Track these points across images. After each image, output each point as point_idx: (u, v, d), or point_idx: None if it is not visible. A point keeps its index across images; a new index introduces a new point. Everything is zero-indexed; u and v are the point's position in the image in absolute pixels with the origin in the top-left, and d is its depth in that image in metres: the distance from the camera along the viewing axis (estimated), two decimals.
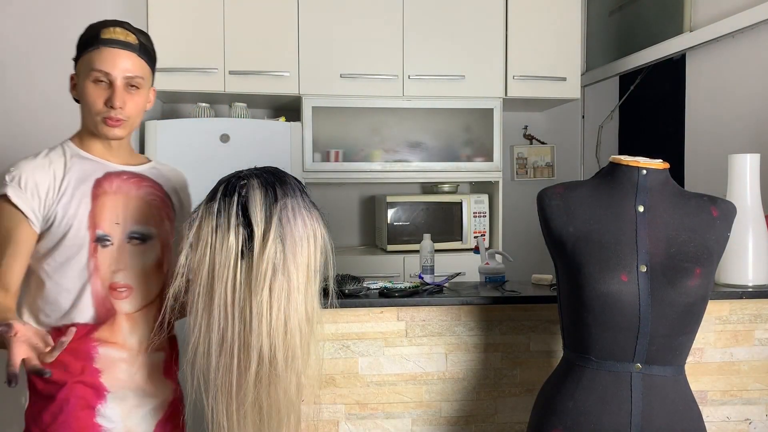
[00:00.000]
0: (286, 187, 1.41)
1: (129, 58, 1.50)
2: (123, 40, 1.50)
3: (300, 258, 1.37)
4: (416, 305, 1.86)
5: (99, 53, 1.48)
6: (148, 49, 1.56)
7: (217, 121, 3.16)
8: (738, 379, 1.94)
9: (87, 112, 1.51)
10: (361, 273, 2.38)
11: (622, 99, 3.91)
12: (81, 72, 1.51)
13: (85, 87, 1.49)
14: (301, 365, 1.40)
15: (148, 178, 1.61)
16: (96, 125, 1.50)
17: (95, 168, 1.54)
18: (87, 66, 1.49)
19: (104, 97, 1.48)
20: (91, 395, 1.48)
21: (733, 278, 1.95)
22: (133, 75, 1.50)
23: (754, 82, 2.75)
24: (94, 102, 1.48)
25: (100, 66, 1.47)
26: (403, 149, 3.45)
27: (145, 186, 1.59)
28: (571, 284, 1.46)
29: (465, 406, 1.90)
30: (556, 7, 3.46)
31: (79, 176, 1.51)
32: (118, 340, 1.51)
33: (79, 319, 1.48)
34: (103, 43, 1.48)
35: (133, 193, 1.56)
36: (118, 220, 1.51)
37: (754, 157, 1.95)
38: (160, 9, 3.11)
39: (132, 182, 1.57)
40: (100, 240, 1.49)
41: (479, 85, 3.40)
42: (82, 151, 1.55)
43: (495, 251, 2.21)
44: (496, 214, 3.49)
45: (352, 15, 3.29)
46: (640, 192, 1.48)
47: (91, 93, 1.48)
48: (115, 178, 1.54)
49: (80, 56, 1.52)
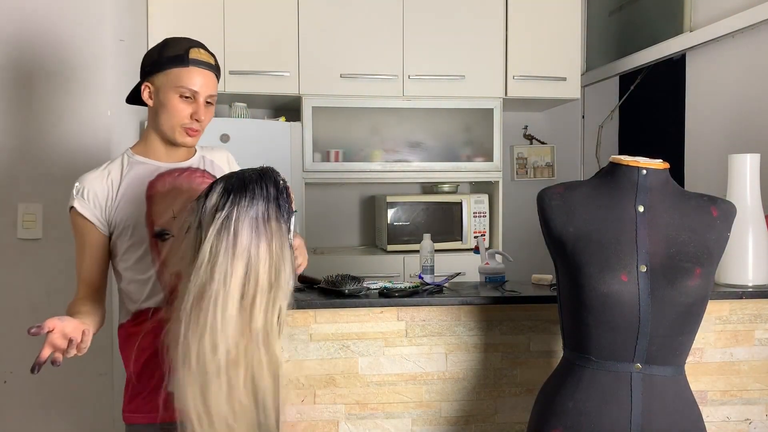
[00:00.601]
0: (243, 196, 1.43)
1: (211, 79, 1.70)
2: (207, 62, 1.69)
3: (237, 272, 1.39)
4: (416, 305, 1.86)
5: (188, 72, 1.66)
6: (219, 69, 1.76)
7: (217, 121, 3.16)
8: (738, 379, 1.94)
9: (167, 120, 1.68)
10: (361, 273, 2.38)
11: (622, 99, 3.91)
12: (164, 84, 1.67)
13: (169, 99, 1.66)
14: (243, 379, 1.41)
15: (199, 169, 1.78)
16: (175, 132, 1.69)
17: (149, 170, 1.71)
18: (174, 81, 1.66)
19: (189, 111, 1.67)
20: (161, 368, 1.58)
21: (733, 278, 1.95)
22: (213, 93, 1.70)
23: (753, 82, 2.75)
24: (179, 114, 1.67)
25: (190, 84, 1.65)
26: (403, 149, 3.45)
27: (197, 177, 1.76)
28: (571, 284, 1.46)
29: (465, 406, 1.90)
30: (556, 7, 3.46)
31: (134, 182, 1.70)
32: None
33: (150, 305, 1.66)
34: (193, 63, 1.66)
35: (185, 186, 1.72)
36: (174, 214, 1.67)
37: (754, 157, 1.95)
38: (160, 9, 3.11)
39: (184, 177, 1.74)
40: (159, 235, 1.67)
41: (479, 85, 3.40)
42: (139, 157, 1.73)
43: (495, 251, 2.21)
44: (496, 214, 3.49)
45: (352, 15, 3.29)
46: (640, 192, 1.48)
47: (177, 106, 1.67)
48: (167, 177, 1.71)
49: (164, 68, 1.67)
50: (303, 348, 1.82)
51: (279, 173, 1.54)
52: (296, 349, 1.82)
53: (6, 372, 2.55)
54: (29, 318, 2.52)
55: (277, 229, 1.45)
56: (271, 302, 1.42)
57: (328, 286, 1.88)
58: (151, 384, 1.66)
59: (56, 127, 2.56)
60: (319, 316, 1.83)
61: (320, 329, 1.83)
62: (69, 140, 2.58)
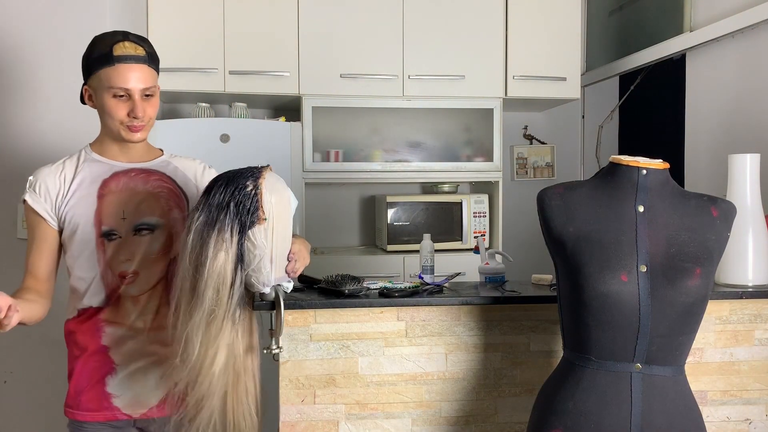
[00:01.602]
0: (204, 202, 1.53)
1: (142, 71, 1.63)
2: (134, 54, 1.62)
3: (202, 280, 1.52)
4: (416, 305, 1.86)
5: (115, 70, 1.60)
6: (153, 56, 1.69)
7: (217, 121, 3.16)
8: (738, 379, 1.94)
9: (110, 121, 1.66)
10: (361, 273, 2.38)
11: (622, 99, 3.91)
12: (97, 87, 1.63)
13: (105, 101, 1.63)
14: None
15: (158, 171, 1.75)
16: (120, 132, 1.66)
17: (104, 169, 1.69)
18: (104, 82, 1.61)
19: (126, 109, 1.63)
20: (101, 368, 1.68)
21: (733, 278, 1.95)
22: (147, 86, 1.65)
23: (753, 82, 2.75)
24: (117, 115, 1.63)
25: (119, 83, 1.60)
26: (403, 149, 3.45)
27: (153, 179, 1.73)
28: (571, 284, 1.46)
29: (465, 406, 1.90)
30: (556, 7, 3.46)
31: (88, 179, 1.68)
32: (124, 321, 1.68)
33: (92, 303, 1.68)
34: (118, 60, 1.60)
35: (140, 188, 1.70)
36: (124, 215, 1.67)
37: (754, 157, 1.95)
38: (160, 9, 3.11)
39: (140, 178, 1.71)
40: (106, 235, 1.66)
41: (479, 85, 3.40)
42: (96, 155, 1.71)
43: (495, 251, 2.21)
44: (496, 214, 3.49)
45: (352, 15, 3.29)
46: (640, 192, 1.48)
47: (113, 107, 1.63)
48: (123, 176, 1.69)
49: (93, 71, 1.63)
50: (303, 348, 1.82)
51: (254, 176, 1.55)
52: (296, 349, 1.82)
53: (6, 372, 2.55)
54: None
55: (216, 238, 1.51)
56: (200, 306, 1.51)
57: (328, 286, 1.88)
58: (93, 381, 1.69)
59: (57, 126, 2.56)
60: (319, 316, 1.83)
61: (320, 329, 1.83)
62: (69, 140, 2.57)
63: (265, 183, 1.55)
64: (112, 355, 1.68)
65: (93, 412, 1.68)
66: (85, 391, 1.69)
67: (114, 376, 1.68)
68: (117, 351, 1.68)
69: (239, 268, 1.54)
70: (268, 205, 1.54)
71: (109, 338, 1.68)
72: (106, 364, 1.68)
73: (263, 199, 1.53)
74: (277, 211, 1.56)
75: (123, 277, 1.67)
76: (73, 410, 1.70)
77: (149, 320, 1.68)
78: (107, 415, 1.69)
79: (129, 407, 1.69)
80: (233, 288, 1.53)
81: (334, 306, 1.81)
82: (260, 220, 1.53)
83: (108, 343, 1.68)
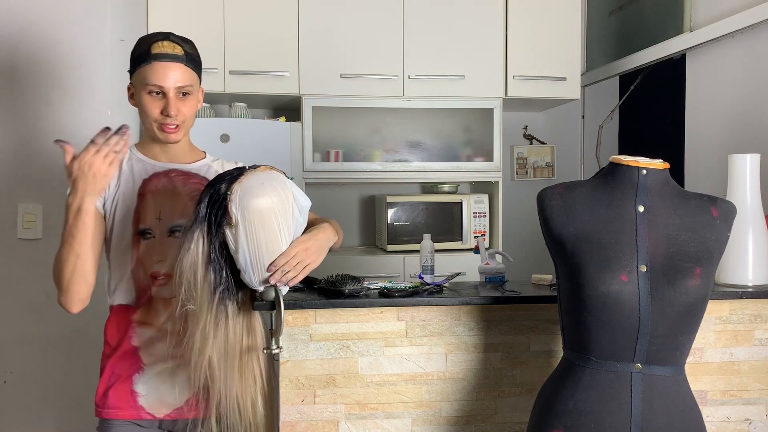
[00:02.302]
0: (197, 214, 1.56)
1: (178, 70, 1.66)
2: (171, 53, 1.66)
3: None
4: (416, 305, 1.86)
5: (151, 68, 1.64)
6: (193, 56, 1.73)
7: (217, 121, 3.16)
8: (738, 379, 1.94)
9: (146, 119, 1.69)
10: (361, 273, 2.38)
11: (622, 99, 3.91)
12: (137, 85, 1.68)
13: (142, 99, 1.67)
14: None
15: (197, 174, 1.77)
16: (155, 131, 1.69)
17: (145, 168, 1.73)
18: (141, 80, 1.66)
19: (160, 107, 1.66)
20: (129, 367, 1.70)
21: (733, 278, 1.95)
22: (183, 84, 1.67)
23: (753, 82, 2.75)
24: (151, 112, 1.67)
25: (154, 80, 1.64)
26: (403, 149, 3.45)
27: (192, 183, 1.74)
28: (571, 284, 1.46)
29: (465, 406, 1.90)
30: (556, 7, 3.46)
31: (131, 177, 1.72)
32: (155, 322, 1.69)
33: (121, 301, 1.71)
34: (154, 58, 1.64)
35: (179, 189, 1.72)
36: (160, 215, 1.69)
37: (754, 157, 1.95)
38: (160, 9, 3.11)
39: (179, 179, 1.74)
40: (142, 233, 1.69)
41: (479, 85, 3.40)
42: (139, 154, 1.75)
43: (495, 251, 2.21)
44: (496, 214, 3.49)
45: (352, 15, 3.29)
46: (640, 192, 1.48)
47: (148, 104, 1.66)
48: (163, 177, 1.72)
49: (134, 70, 1.69)
50: (303, 348, 1.82)
51: (232, 178, 1.56)
52: (296, 349, 1.82)
53: (6, 372, 2.55)
54: (29, 318, 2.53)
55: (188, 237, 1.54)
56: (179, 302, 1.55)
57: (328, 286, 1.88)
58: (121, 380, 1.71)
59: (56, 127, 2.56)
60: (319, 316, 1.83)
61: (320, 329, 1.83)
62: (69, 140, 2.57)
63: (239, 186, 1.53)
64: (142, 355, 1.70)
65: (118, 409, 1.70)
66: (112, 389, 1.71)
67: (141, 375, 1.70)
68: (146, 351, 1.70)
69: (211, 267, 1.55)
70: (236, 209, 1.52)
71: (140, 339, 1.70)
72: (135, 363, 1.71)
73: (231, 203, 1.52)
74: (250, 216, 1.52)
75: (155, 278, 1.69)
76: (101, 409, 1.72)
77: (179, 323, 1.67)
78: (132, 414, 1.71)
79: (153, 407, 1.70)
80: (206, 286, 1.55)
81: (334, 306, 1.81)
82: (228, 224, 1.53)
83: (138, 344, 1.70)
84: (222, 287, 1.57)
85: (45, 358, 2.55)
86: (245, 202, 1.52)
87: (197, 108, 1.76)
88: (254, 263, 1.56)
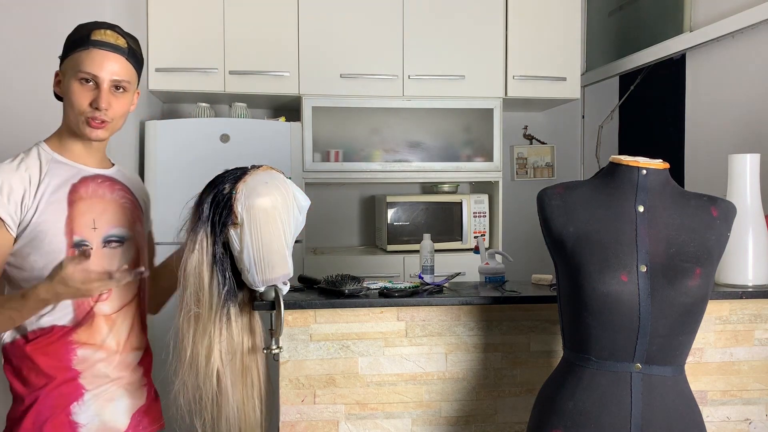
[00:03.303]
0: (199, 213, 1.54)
1: (117, 62, 1.50)
2: (113, 43, 1.50)
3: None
4: (416, 305, 1.86)
5: (88, 54, 1.48)
6: (136, 53, 1.56)
7: (217, 121, 3.17)
8: (738, 379, 1.94)
9: (70, 111, 1.51)
10: (361, 273, 2.38)
11: (622, 99, 3.91)
12: (67, 70, 1.51)
13: (71, 86, 1.49)
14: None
15: (119, 181, 1.63)
16: (78, 125, 1.51)
17: (71, 173, 1.54)
18: (74, 65, 1.49)
19: (90, 98, 1.48)
20: (68, 396, 1.50)
21: (733, 278, 1.95)
22: (120, 78, 1.50)
23: (754, 82, 2.75)
24: (79, 102, 1.49)
25: (88, 67, 1.47)
26: (403, 149, 3.45)
27: (118, 189, 1.61)
28: (571, 284, 1.46)
29: (465, 406, 1.90)
30: (556, 7, 3.46)
31: (55, 182, 1.50)
32: (97, 341, 1.53)
33: (57, 322, 1.49)
34: (93, 45, 1.48)
35: (107, 196, 1.57)
36: (94, 225, 1.52)
37: (754, 157, 1.95)
38: (160, 9, 3.11)
39: (106, 186, 1.58)
40: (77, 246, 1.49)
41: (479, 85, 3.40)
42: (58, 155, 1.54)
43: (495, 251, 2.21)
44: (496, 214, 3.49)
45: (352, 15, 3.29)
46: (640, 192, 1.48)
47: (77, 92, 1.48)
48: (91, 182, 1.55)
49: (68, 54, 1.52)
50: (303, 348, 1.82)
51: (235, 178, 1.56)
52: (296, 349, 1.82)
53: None
54: None
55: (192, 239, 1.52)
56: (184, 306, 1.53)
57: (328, 286, 1.88)
58: (57, 411, 1.49)
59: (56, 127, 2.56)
60: (319, 316, 1.83)
61: (320, 329, 1.83)
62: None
63: (243, 185, 1.53)
64: (83, 380, 1.51)
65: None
66: (47, 425, 1.48)
67: (81, 403, 1.51)
68: (88, 375, 1.52)
69: (217, 268, 1.53)
70: (242, 208, 1.51)
71: (81, 362, 1.51)
72: (75, 391, 1.50)
73: (237, 203, 1.51)
74: (255, 215, 1.52)
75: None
76: None
77: (122, 341, 1.56)
78: None
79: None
80: (212, 288, 1.52)
81: (334, 306, 1.81)
82: (233, 223, 1.52)
83: (79, 368, 1.51)
84: (226, 288, 1.55)
85: None
86: (251, 201, 1.52)
87: (129, 110, 1.58)
88: (258, 263, 1.55)
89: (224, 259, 1.55)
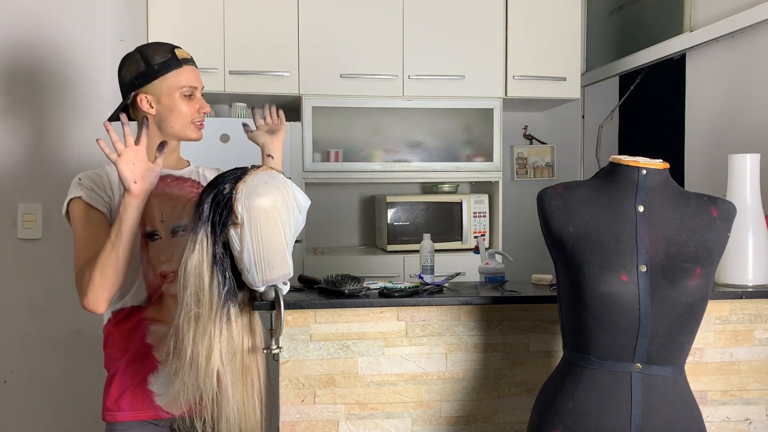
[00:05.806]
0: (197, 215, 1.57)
1: (198, 73, 1.81)
2: (191, 58, 1.79)
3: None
4: (416, 305, 1.86)
5: (183, 71, 1.74)
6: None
7: (217, 121, 3.17)
8: (738, 379, 1.94)
9: (177, 122, 1.75)
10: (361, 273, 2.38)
11: (622, 99, 3.91)
12: (164, 90, 1.73)
13: (174, 102, 1.73)
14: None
15: (189, 179, 1.83)
16: (187, 131, 1.77)
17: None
18: (174, 84, 1.73)
19: (195, 106, 1.77)
20: (144, 367, 1.72)
21: (733, 278, 1.95)
22: (203, 86, 1.81)
23: (754, 82, 2.75)
24: (188, 112, 1.76)
25: (189, 83, 1.75)
26: (403, 149, 3.45)
27: (187, 186, 1.81)
28: (571, 284, 1.46)
29: (465, 406, 1.90)
30: (556, 7, 3.46)
31: None
32: (167, 318, 1.71)
33: (133, 303, 1.73)
34: (184, 62, 1.76)
35: (176, 192, 1.78)
36: (162, 218, 1.75)
37: (754, 157, 1.95)
38: (160, 9, 3.11)
39: (174, 184, 1.80)
40: (149, 236, 1.74)
41: (479, 85, 3.40)
42: None
43: (495, 251, 2.21)
44: (496, 214, 3.49)
45: (352, 15, 3.29)
46: (640, 192, 1.48)
47: (185, 105, 1.75)
48: (159, 182, 1.71)
49: (158, 76, 1.72)
50: (303, 348, 1.82)
51: (235, 178, 1.56)
52: (296, 349, 1.82)
53: (6, 372, 2.56)
54: (29, 318, 2.53)
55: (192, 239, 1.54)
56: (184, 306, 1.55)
57: (328, 286, 1.88)
58: (136, 381, 1.72)
59: (56, 127, 2.57)
60: (319, 316, 1.83)
61: (320, 329, 1.83)
62: (69, 140, 2.58)
63: (244, 185, 1.53)
64: (156, 353, 1.72)
65: (137, 411, 1.72)
66: (127, 392, 1.72)
67: (156, 374, 1.72)
68: (160, 349, 1.70)
69: (217, 268, 1.54)
70: (242, 208, 1.52)
71: (153, 336, 1.72)
72: (150, 362, 1.72)
73: (237, 203, 1.52)
74: (255, 215, 1.53)
75: (164, 276, 1.73)
76: (115, 413, 1.72)
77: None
78: (150, 414, 1.72)
79: (170, 405, 1.71)
80: (212, 288, 1.54)
81: (334, 306, 1.81)
82: (234, 223, 1.53)
83: (152, 342, 1.72)
84: (226, 288, 1.57)
85: (45, 358, 2.55)
86: (251, 201, 1.52)
87: None
88: (258, 263, 1.56)
89: (224, 259, 1.56)
